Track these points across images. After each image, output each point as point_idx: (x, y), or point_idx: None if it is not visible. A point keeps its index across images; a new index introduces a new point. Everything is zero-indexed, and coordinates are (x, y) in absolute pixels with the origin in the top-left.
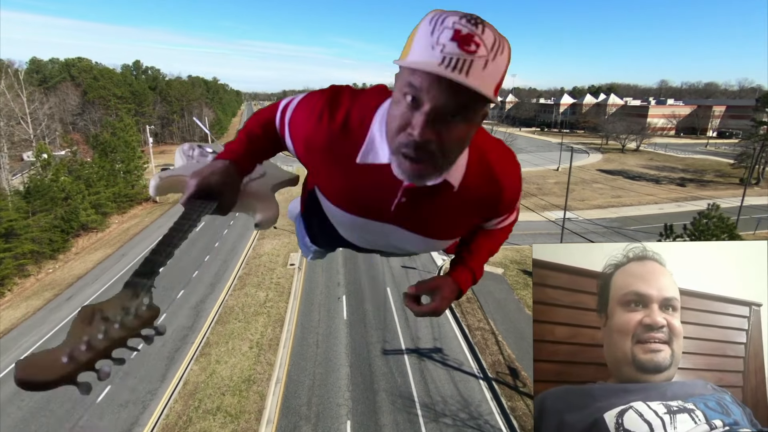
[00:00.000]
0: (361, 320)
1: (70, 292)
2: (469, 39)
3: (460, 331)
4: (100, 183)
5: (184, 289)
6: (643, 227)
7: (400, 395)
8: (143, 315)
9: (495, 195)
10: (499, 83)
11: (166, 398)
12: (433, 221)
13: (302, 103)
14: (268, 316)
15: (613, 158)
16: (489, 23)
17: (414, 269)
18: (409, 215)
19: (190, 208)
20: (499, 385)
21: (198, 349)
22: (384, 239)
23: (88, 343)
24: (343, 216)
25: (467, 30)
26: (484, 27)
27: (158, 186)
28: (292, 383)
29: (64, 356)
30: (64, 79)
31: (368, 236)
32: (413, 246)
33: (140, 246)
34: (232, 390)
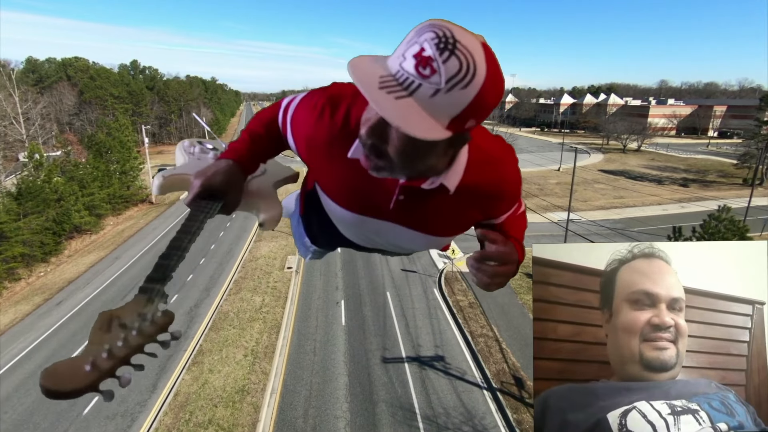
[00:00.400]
0: (360, 326)
1: (61, 297)
2: (426, 62)
3: (462, 338)
4: (95, 184)
5: (178, 294)
6: (648, 228)
7: (400, 406)
8: (159, 321)
9: (494, 193)
10: (455, 116)
11: (155, 410)
12: (433, 219)
13: (304, 101)
14: (264, 322)
15: (614, 158)
16: (469, 52)
17: (414, 272)
18: (409, 213)
19: (195, 208)
20: (504, 395)
21: (190, 358)
22: (384, 237)
23: (109, 351)
24: (344, 213)
25: (430, 53)
26: (453, 55)
27: (162, 185)
28: (288, 393)
29: (86, 364)
30: (60, 79)
31: (369, 234)
32: (413, 243)
33: (134, 248)
34: (225, 401)
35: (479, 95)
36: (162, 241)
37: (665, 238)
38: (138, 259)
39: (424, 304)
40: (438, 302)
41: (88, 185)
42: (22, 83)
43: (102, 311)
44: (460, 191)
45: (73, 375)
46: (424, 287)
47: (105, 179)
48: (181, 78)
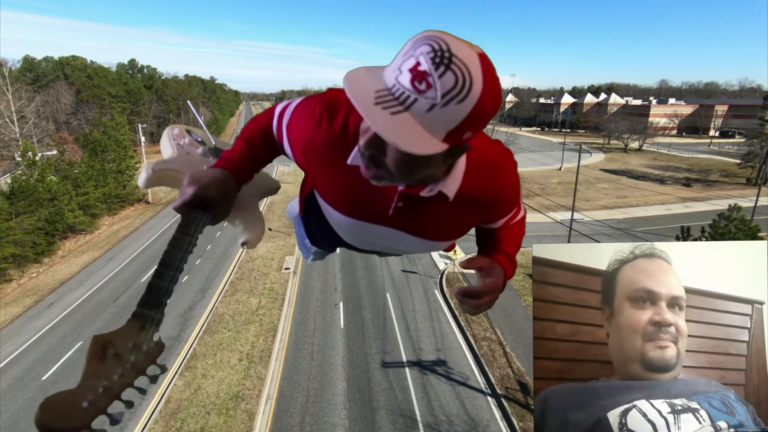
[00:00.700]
0: (360, 329)
1: (52, 299)
2: (422, 77)
3: (465, 342)
4: (89, 183)
5: (172, 295)
6: (653, 228)
7: (401, 414)
8: (152, 352)
9: (493, 198)
10: (452, 130)
11: (145, 418)
12: (432, 224)
13: (300, 107)
14: (260, 325)
15: (616, 158)
16: (465, 66)
17: (415, 273)
18: (408, 219)
19: (185, 219)
20: (509, 402)
21: (183, 362)
22: (384, 241)
23: (106, 387)
24: (343, 219)
25: (426, 67)
26: (448, 69)
27: (149, 179)
28: (284, 400)
29: (84, 401)
30: (57, 78)
31: (368, 238)
32: (414, 248)
33: (129, 249)
34: (218, 408)
35: (476, 108)
36: (158, 242)
37: (673, 238)
38: (133, 260)
39: (425, 306)
40: (439, 304)
41: (82, 184)
42: (18, 82)
43: (96, 335)
44: (459, 197)
45: (70, 410)
46: (425, 288)
47: (100, 178)
48: (180, 77)
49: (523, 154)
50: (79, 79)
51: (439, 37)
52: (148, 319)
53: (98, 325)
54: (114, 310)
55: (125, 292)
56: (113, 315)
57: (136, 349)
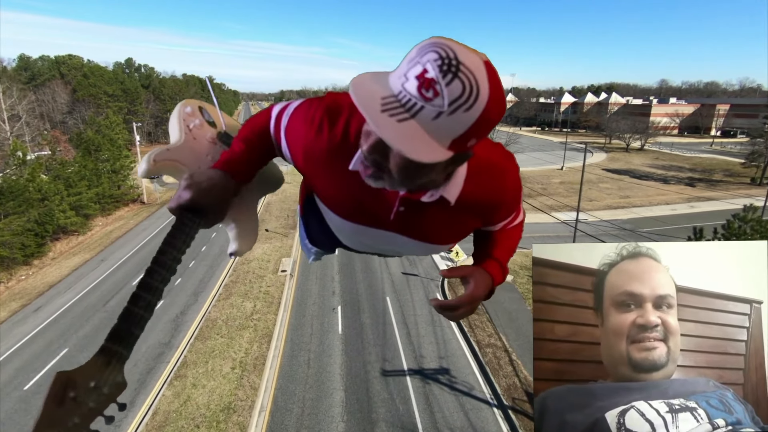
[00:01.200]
0: (358, 335)
1: (39, 302)
2: (429, 84)
3: (468, 349)
4: (82, 183)
5: (164, 299)
6: (660, 228)
7: (402, 426)
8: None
9: (495, 202)
10: (457, 137)
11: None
12: (434, 229)
13: (300, 111)
14: (255, 330)
15: (617, 157)
16: (472, 74)
17: (416, 276)
18: (409, 223)
19: (179, 222)
20: (516, 414)
21: (173, 371)
22: (384, 245)
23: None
24: (344, 223)
25: (433, 74)
26: (456, 78)
27: (149, 170)
28: (278, 411)
29: None
30: (53, 77)
31: (369, 242)
32: (415, 251)
33: (122, 250)
34: (208, 421)
35: (482, 116)
36: (151, 243)
37: (679, 238)
38: (125, 262)
39: (427, 311)
40: None
41: (75, 184)
42: (12, 81)
43: (59, 372)
44: (461, 201)
45: None
46: (426, 292)
47: (94, 178)
48: (178, 77)
49: (527, 153)
50: (75, 78)
51: (445, 44)
52: (115, 356)
53: (86, 330)
54: (103, 315)
55: (115, 295)
56: (102, 320)
57: (96, 391)
